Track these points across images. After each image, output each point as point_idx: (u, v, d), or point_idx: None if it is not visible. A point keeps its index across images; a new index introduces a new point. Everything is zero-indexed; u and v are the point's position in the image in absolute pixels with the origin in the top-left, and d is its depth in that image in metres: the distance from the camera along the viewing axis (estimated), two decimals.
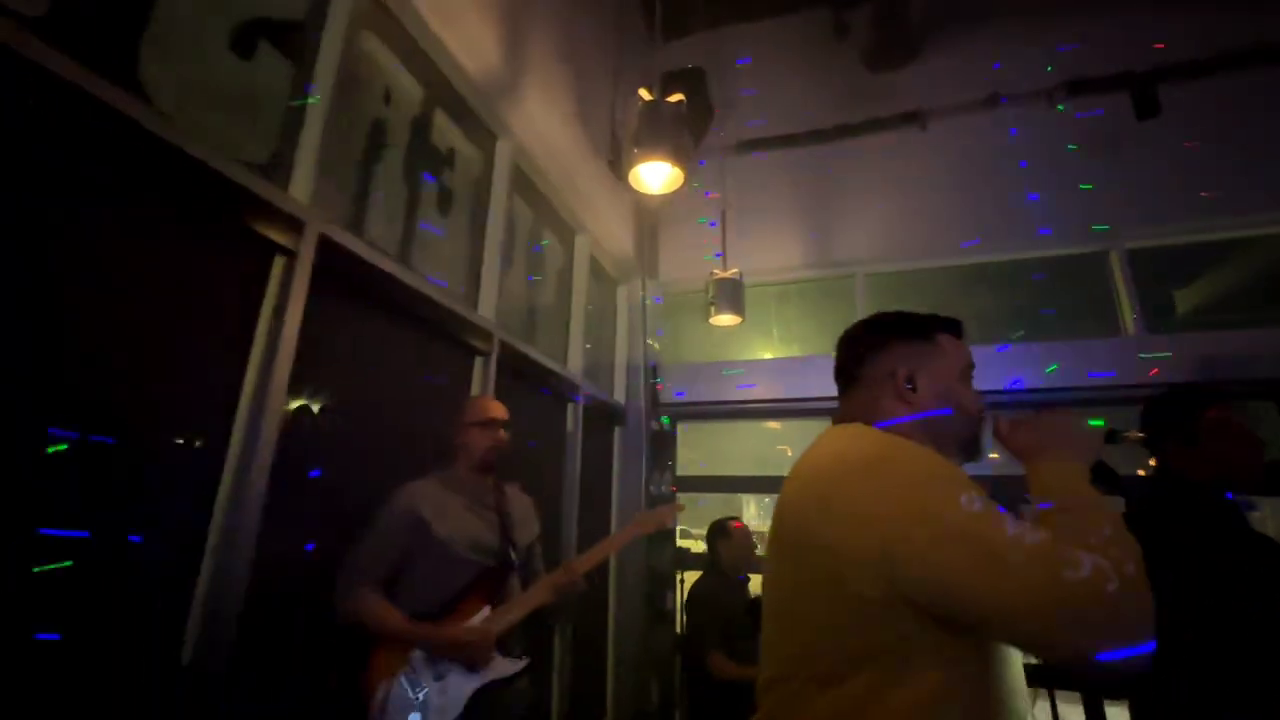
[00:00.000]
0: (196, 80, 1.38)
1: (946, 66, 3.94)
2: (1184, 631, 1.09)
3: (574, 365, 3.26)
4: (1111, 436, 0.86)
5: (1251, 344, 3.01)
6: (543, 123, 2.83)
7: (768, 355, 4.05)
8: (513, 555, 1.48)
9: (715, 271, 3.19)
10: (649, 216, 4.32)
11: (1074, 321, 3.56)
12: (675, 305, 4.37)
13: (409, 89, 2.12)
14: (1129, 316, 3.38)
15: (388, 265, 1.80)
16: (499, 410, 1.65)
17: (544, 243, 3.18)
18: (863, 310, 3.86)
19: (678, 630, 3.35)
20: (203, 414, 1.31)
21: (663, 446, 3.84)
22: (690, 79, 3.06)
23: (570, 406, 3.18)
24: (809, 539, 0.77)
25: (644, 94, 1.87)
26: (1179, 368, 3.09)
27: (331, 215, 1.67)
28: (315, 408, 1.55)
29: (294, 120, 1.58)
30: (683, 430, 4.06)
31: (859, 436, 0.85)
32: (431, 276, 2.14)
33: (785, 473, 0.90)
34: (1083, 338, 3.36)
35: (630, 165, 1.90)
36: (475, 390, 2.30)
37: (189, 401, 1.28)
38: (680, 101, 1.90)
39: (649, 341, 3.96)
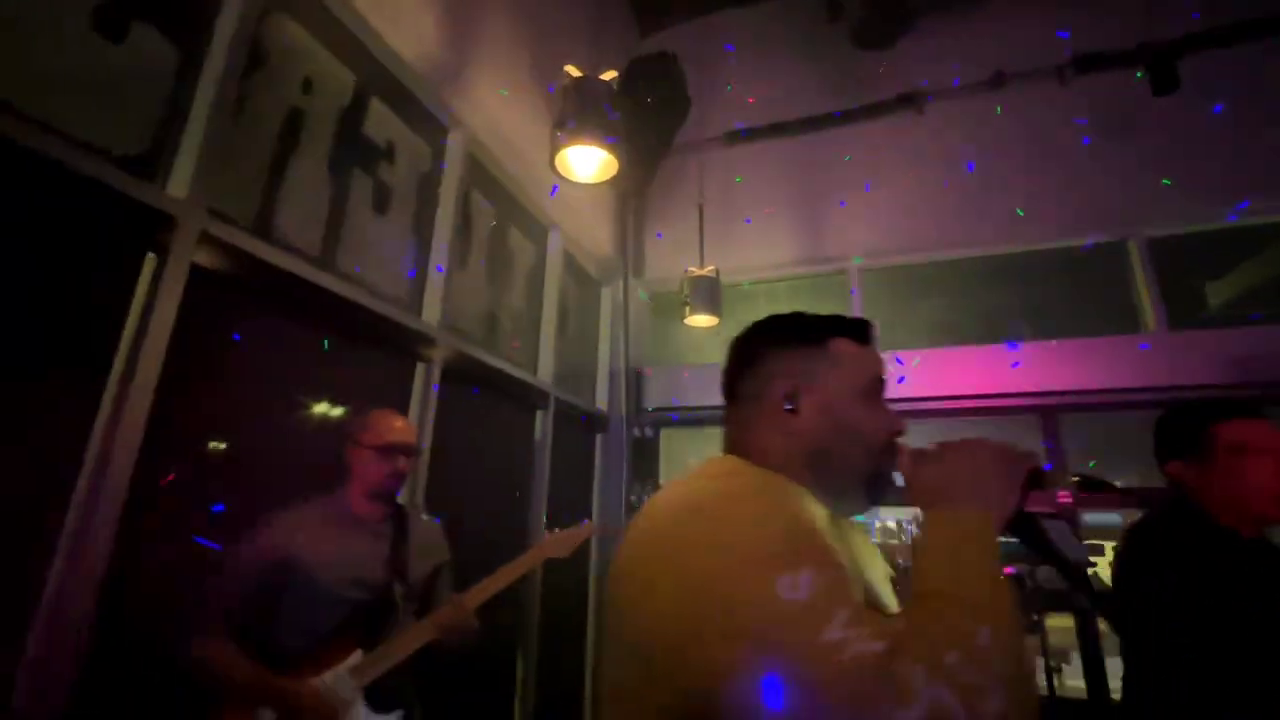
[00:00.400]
0: (49, 66, 1.24)
1: (945, 45, 3.68)
2: (1182, 634, 1.08)
3: (545, 371, 3.09)
4: (1037, 479, 0.65)
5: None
6: (503, 114, 2.67)
7: None
8: (396, 591, 1.31)
9: (691, 269, 2.99)
10: (637, 213, 4.13)
11: (1091, 319, 3.27)
12: (666, 306, 4.18)
13: (337, 77, 1.97)
14: (1150, 312, 3.09)
15: (296, 266, 1.64)
16: (402, 434, 1.45)
17: (511, 241, 3.02)
18: (859, 309, 3.63)
19: None
20: (50, 440, 1.17)
21: (646, 455, 3.66)
22: (660, 65, 2.86)
23: (539, 414, 3.01)
24: (614, 622, 0.58)
25: (571, 71, 1.69)
26: (1206, 368, 2.80)
27: (230, 213, 1.53)
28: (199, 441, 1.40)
29: (176, 110, 1.44)
30: (673, 438, 3.87)
31: (706, 478, 0.66)
32: (367, 279, 2.00)
33: None
34: (1100, 335, 3.07)
35: (555, 149, 1.72)
36: (416, 402, 2.15)
37: (33, 427, 1.14)
38: (613, 80, 1.71)
39: (630, 344, 3.77)
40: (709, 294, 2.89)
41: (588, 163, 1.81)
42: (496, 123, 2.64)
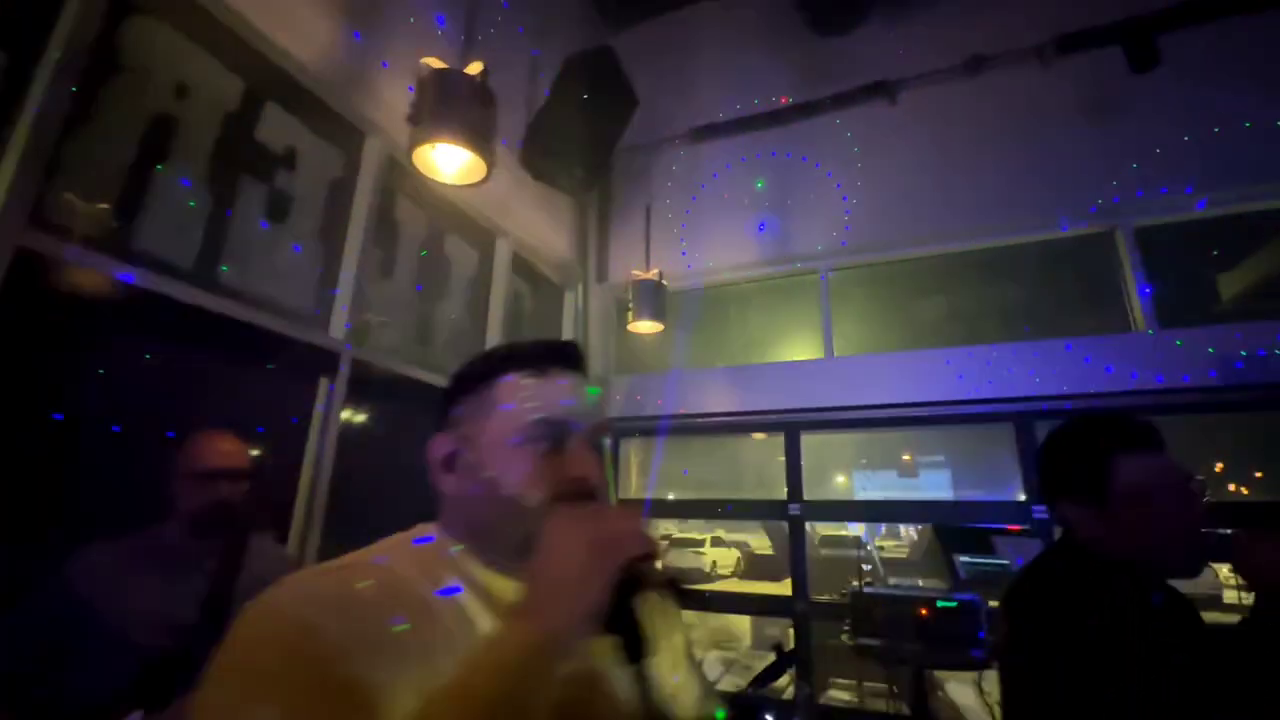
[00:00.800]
0: None
1: (915, 31, 3.46)
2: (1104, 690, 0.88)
3: None
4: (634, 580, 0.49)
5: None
6: None
7: (721, 364, 3.65)
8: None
9: (635, 273, 2.85)
10: (603, 215, 4.01)
11: (1075, 317, 3.02)
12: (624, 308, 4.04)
13: (220, 83, 1.89)
14: (1138, 308, 2.83)
15: (150, 282, 1.56)
16: (225, 458, 1.33)
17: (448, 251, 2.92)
18: (828, 311, 3.43)
19: None
20: None
21: (610, 468, 3.51)
22: (597, 62, 2.73)
23: None
24: None
25: (431, 63, 1.56)
26: (1198, 368, 2.55)
27: (64, 224, 1.45)
28: None
29: (4, 118, 1.36)
30: (648, 448, 3.73)
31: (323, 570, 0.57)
32: (252, 292, 1.91)
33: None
34: (1085, 335, 2.82)
35: (412, 146, 1.59)
36: (315, 422, 2.05)
37: None
38: (481, 74, 1.58)
39: (590, 351, 3.64)
40: (653, 299, 2.74)
41: (451, 161, 1.69)
42: None
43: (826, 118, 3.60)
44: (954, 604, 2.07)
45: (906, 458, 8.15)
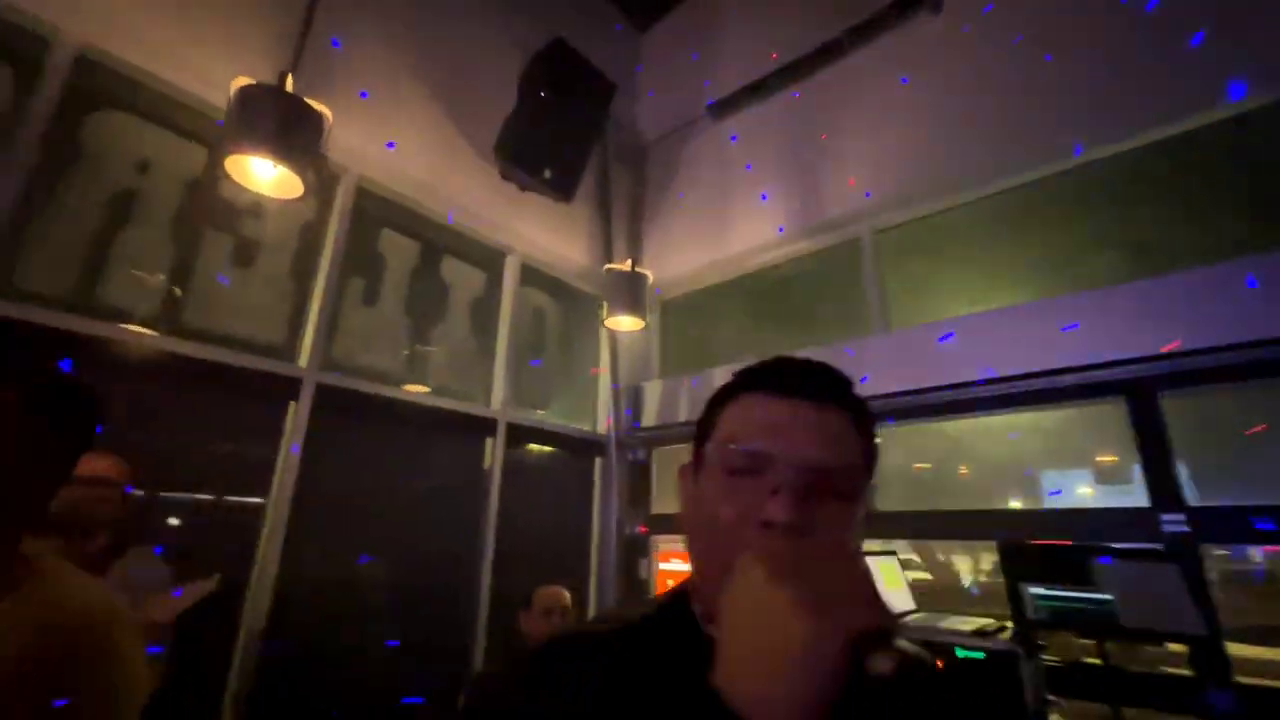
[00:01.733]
0: None
1: None
2: None
3: (498, 400, 2.98)
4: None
5: None
6: (418, 143, 2.71)
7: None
8: None
9: (610, 266, 2.63)
10: (634, 210, 3.85)
11: (1199, 246, 2.07)
12: (679, 311, 3.79)
13: (180, 153, 2.16)
14: None
15: (115, 332, 1.81)
16: (93, 468, 1.44)
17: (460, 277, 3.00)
18: (873, 283, 2.84)
19: None
20: None
21: (642, 479, 3.28)
22: (556, 54, 2.62)
23: (489, 441, 2.90)
24: None
25: (240, 80, 1.58)
26: None
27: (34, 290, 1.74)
28: None
29: None
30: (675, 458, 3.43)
31: None
32: (218, 332, 2.13)
33: None
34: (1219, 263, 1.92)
35: (220, 156, 1.62)
36: (284, 445, 2.20)
37: None
38: (291, 96, 1.56)
39: (622, 357, 3.46)
40: (629, 292, 2.50)
41: (266, 172, 1.69)
42: (403, 156, 2.68)
43: (855, 56, 3.04)
44: (980, 655, 1.47)
45: (1108, 458, 6.42)
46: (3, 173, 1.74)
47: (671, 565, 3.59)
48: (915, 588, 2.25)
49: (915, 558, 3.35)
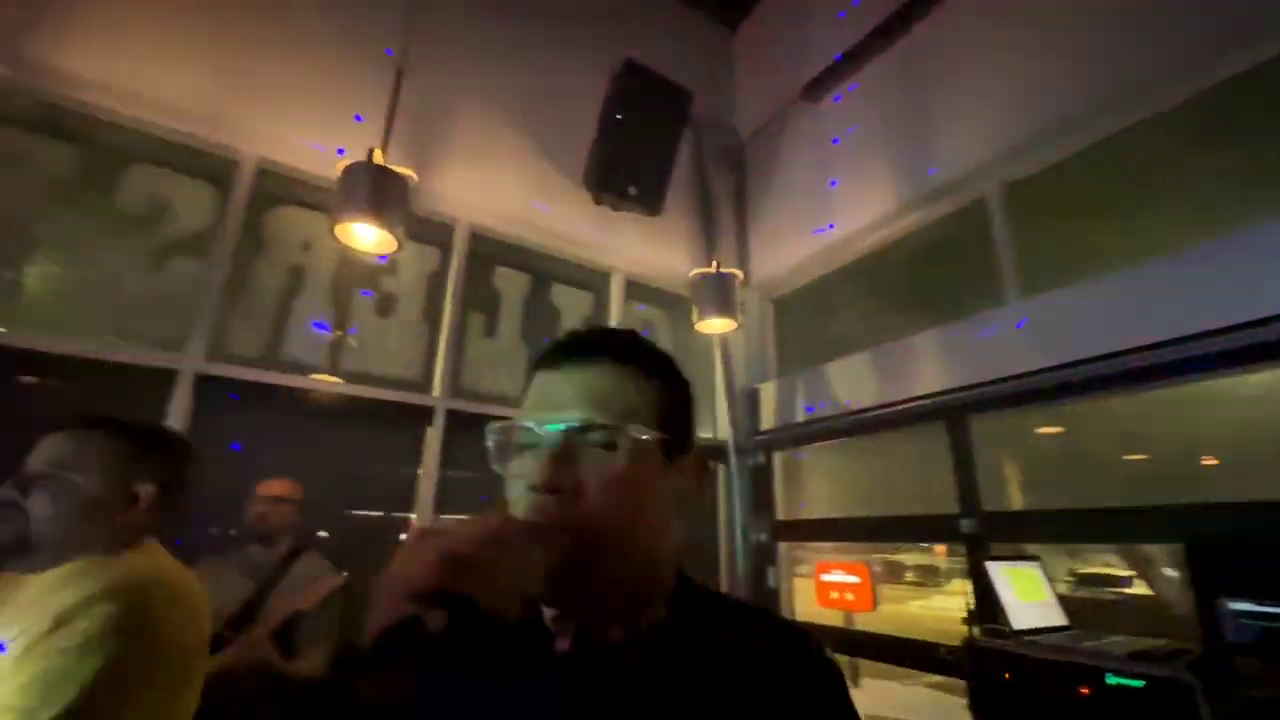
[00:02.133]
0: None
1: None
2: None
3: None
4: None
5: None
6: (517, 181, 3.01)
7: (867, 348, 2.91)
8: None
9: (697, 270, 2.61)
10: (739, 211, 3.79)
11: None
12: (786, 308, 3.64)
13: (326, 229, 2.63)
14: None
15: (290, 380, 2.27)
16: (271, 489, 1.88)
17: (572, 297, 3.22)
18: (1007, 245, 2.46)
19: None
20: None
21: (763, 485, 3.16)
22: (622, 75, 2.71)
23: None
24: None
25: (342, 163, 1.87)
26: None
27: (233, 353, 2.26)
28: None
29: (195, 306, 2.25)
30: (797, 462, 3.25)
31: None
32: (370, 374, 2.55)
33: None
34: None
35: (334, 220, 1.91)
36: (425, 462, 2.54)
37: None
38: (378, 166, 1.81)
39: (734, 361, 3.39)
40: (717, 294, 2.47)
41: (368, 235, 1.95)
42: (506, 198, 2.98)
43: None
44: (1138, 684, 1.17)
45: None
46: (213, 263, 2.28)
47: (834, 576, 3.40)
48: (1124, 605, 1.88)
49: (1118, 571, 2.75)
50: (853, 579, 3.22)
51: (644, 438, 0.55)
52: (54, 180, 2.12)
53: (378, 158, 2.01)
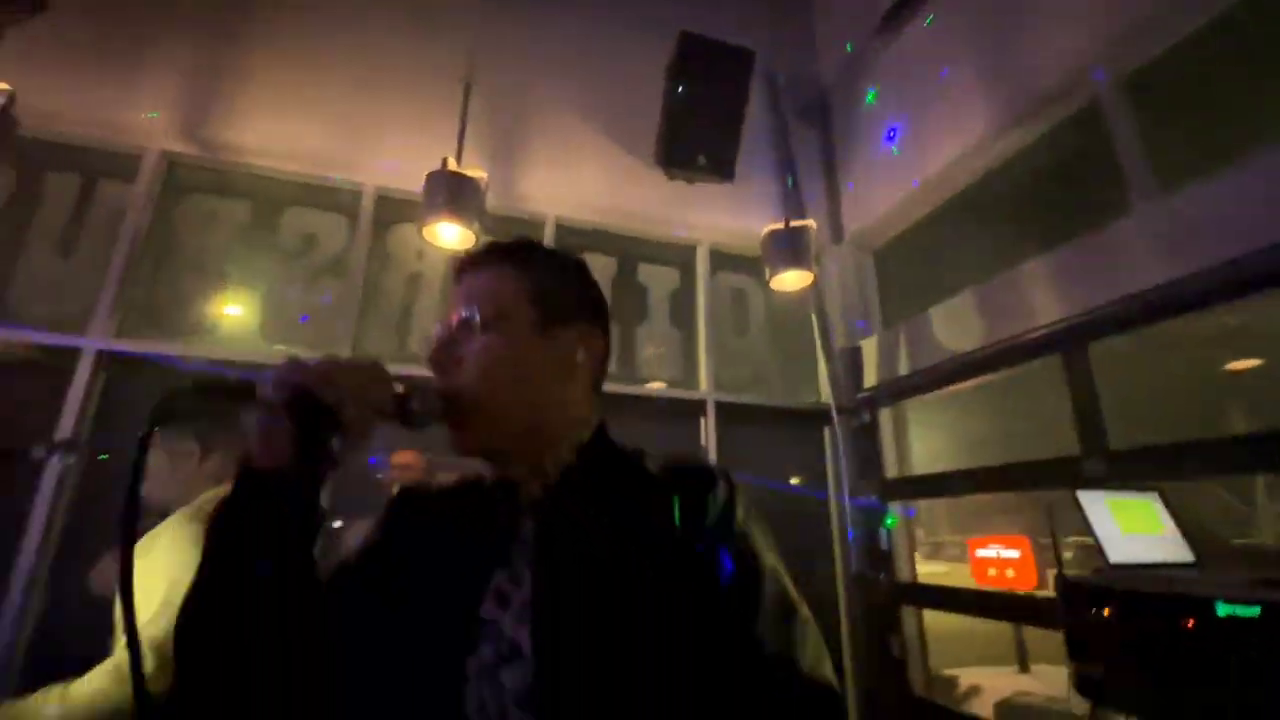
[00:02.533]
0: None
1: None
2: None
3: (706, 382, 3.17)
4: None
5: None
6: (595, 168, 3.20)
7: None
8: None
9: (770, 227, 2.57)
10: (828, 167, 3.63)
11: None
12: (888, 256, 3.42)
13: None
14: None
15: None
16: (402, 457, 2.23)
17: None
18: (1130, 153, 2.12)
19: None
20: None
21: (869, 445, 3.01)
22: (680, 48, 2.74)
23: (702, 421, 3.10)
24: None
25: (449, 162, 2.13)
26: None
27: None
28: None
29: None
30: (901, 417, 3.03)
31: None
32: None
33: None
34: None
35: (421, 225, 2.18)
36: None
37: None
38: (450, 172, 2.05)
39: (830, 319, 3.26)
40: (790, 247, 2.42)
41: (450, 233, 2.18)
42: (585, 186, 3.18)
43: None
44: (1253, 611, 0.99)
45: None
46: (350, 281, 2.75)
47: (990, 551, 3.15)
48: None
49: None
50: (1012, 553, 2.92)
51: (506, 320, 0.70)
52: (236, 228, 2.71)
53: (450, 165, 2.30)
